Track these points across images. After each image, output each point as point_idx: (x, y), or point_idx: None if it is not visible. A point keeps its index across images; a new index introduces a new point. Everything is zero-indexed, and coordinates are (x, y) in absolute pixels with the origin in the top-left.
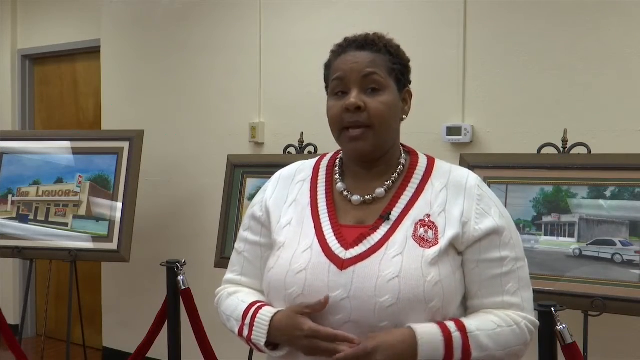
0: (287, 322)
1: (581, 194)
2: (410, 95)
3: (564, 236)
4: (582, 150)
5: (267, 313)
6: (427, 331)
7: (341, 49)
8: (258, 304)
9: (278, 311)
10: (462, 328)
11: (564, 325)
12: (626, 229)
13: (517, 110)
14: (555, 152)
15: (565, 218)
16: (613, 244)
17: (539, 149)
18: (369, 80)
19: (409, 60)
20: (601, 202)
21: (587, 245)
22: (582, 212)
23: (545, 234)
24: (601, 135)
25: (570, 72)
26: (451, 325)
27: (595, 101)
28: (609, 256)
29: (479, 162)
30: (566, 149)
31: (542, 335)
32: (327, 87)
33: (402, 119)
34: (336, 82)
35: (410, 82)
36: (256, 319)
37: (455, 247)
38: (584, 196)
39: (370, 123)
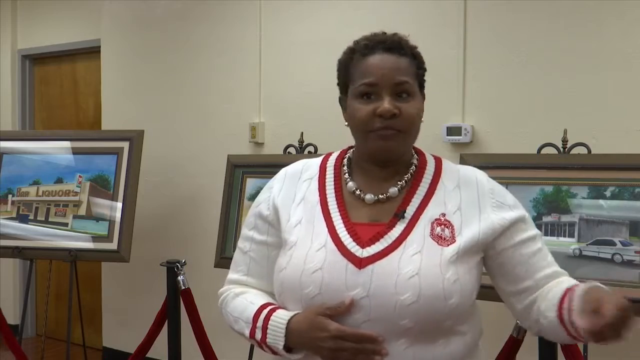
0: (309, 324)
1: (581, 194)
2: (424, 98)
3: (564, 236)
4: (582, 150)
5: (283, 316)
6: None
7: (367, 50)
8: (270, 307)
9: (295, 314)
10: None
11: None
12: (626, 229)
13: (517, 110)
14: (555, 152)
15: (565, 218)
16: (613, 244)
17: (539, 149)
18: (401, 88)
19: (425, 62)
20: (601, 202)
21: (587, 245)
22: (582, 212)
23: (545, 234)
24: (601, 135)
25: (570, 72)
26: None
27: (595, 101)
28: (609, 256)
29: (479, 162)
30: (566, 149)
31: None
32: (339, 84)
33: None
34: (364, 86)
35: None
36: (270, 322)
37: (480, 244)
38: (584, 196)
39: (403, 128)
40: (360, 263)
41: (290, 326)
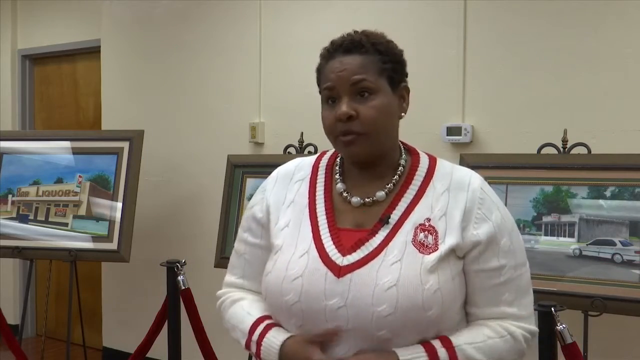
0: (298, 351)
1: (581, 194)
2: (408, 91)
3: (564, 236)
4: (582, 150)
5: (277, 336)
6: (410, 350)
7: (329, 54)
8: (266, 322)
9: (289, 337)
10: (447, 343)
11: (564, 325)
12: (626, 229)
13: (517, 110)
14: (555, 152)
15: (565, 218)
16: (613, 244)
17: (539, 149)
18: (359, 87)
19: (401, 54)
20: (601, 202)
21: (587, 245)
22: (582, 212)
23: (545, 234)
24: (601, 135)
25: (570, 72)
26: (436, 342)
27: (595, 101)
28: (609, 256)
29: (479, 162)
30: (566, 149)
31: (542, 335)
32: (320, 92)
33: (401, 117)
34: (326, 91)
35: (406, 76)
36: (265, 340)
37: (456, 253)
38: (584, 196)
39: (363, 131)
40: (340, 271)
41: (283, 349)
